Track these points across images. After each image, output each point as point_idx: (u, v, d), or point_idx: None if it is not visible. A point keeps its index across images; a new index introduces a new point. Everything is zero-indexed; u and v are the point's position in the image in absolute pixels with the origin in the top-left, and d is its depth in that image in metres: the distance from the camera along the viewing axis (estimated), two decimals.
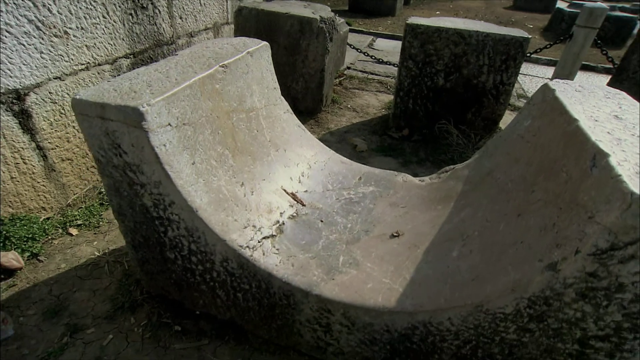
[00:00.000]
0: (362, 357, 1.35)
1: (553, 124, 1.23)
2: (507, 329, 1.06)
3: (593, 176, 0.92)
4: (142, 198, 1.24)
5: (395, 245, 1.41)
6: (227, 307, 1.46)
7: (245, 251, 1.24)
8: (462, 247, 1.26)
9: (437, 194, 1.64)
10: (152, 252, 1.43)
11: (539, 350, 1.08)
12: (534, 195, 1.16)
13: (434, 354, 1.22)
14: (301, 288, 1.23)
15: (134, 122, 1.05)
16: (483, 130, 2.90)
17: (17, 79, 1.71)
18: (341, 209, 1.60)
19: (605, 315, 0.94)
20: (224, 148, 1.36)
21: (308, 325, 1.34)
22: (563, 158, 1.09)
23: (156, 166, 1.12)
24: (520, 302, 0.99)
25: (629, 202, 0.78)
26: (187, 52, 1.51)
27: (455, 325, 1.11)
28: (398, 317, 1.17)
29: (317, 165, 1.78)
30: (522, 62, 2.56)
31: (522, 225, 1.13)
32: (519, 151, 1.39)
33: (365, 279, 1.27)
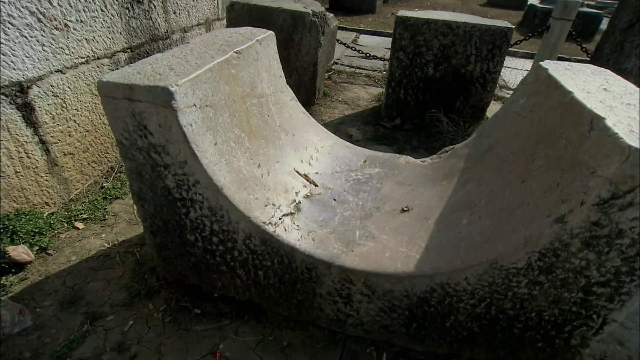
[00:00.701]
0: (381, 326, 1.43)
1: (549, 98, 1.34)
2: (519, 283, 1.16)
3: (592, 138, 1.03)
4: (165, 180, 1.28)
5: (407, 219, 1.50)
6: (247, 286, 1.51)
7: (268, 227, 1.29)
8: (470, 215, 1.36)
9: (440, 171, 1.73)
10: (171, 236, 1.47)
11: (547, 301, 1.18)
12: (536, 162, 1.27)
13: (450, 315, 1.31)
14: (324, 260, 1.29)
15: (163, 102, 1.09)
16: (471, 117, 3.04)
17: (20, 71, 1.71)
18: (351, 189, 1.67)
19: (607, 262, 1.05)
20: (240, 131, 1.41)
21: (329, 298, 1.40)
22: (561, 126, 1.20)
23: (183, 145, 1.16)
24: (532, 255, 1.09)
25: (627, 154, 0.88)
26: (199, 40, 1.55)
27: (472, 285, 1.21)
28: (417, 281, 1.25)
29: (324, 149, 1.85)
30: (507, 51, 2.71)
31: (526, 189, 1.23)
32: (516, 127, 1.51)
33: (383, 249, 1.35)
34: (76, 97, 2.03)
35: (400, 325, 1.40)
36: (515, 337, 1.31)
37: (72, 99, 2.00)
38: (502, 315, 1.26)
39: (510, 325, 1.28)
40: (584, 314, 1.18)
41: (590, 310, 1.17)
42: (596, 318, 1.18)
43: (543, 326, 1.25)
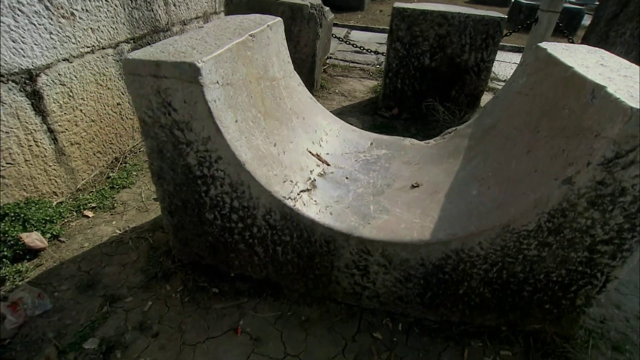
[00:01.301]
0: (396, 297, 1.50)
1: (549, 75, 1.43)
2: (529, 245, 1.24)
3: (594, 105, 1.11)
4: (187, 157, 1.32)
5: (417, 194, 1.57)
6: (264, 264, 1.56)
7: (288, 202, 1.34)
8: (479, 187, 1.44)
9: (444, 150, 1.81)
10: (189, 216, 1.50)
11: (555, 262, 1.26)
12: (540, 134, 1.35)
13: (463, 282, 1.38)
14: (343, 232, 1.35)
15: (189, 78, 1.13)
16: (466, 106, 3.14)
17: (29, 58, 1.72)
18: (361, 168, 1.74)
19: (610, 220, 1.13)
20: (257, 111, 1.46)
21: (346, 270, 1.46)
22: (563, 99, 1.29)
23: (207, 121, 1.21)
24: (542, 217, 1.17)
25: (630, 115, 0.97)
26: (211, 25, 1.59)
27: (485, 249, 1.28)
28: (433, 249, 1.32)
29: (332, 132, 1.91)
30: (500, 41, 2.82)
31: (532, 159, 1.31)
32: (518, 104, 1.59)
33: (397, 221, 1.42)
34: (82, 87, 2.04)
35: (415, 295, 1.46)
36: (524, 301, 1.39)
37: (78, 88, 2.01)
38: (512, 279, 1.34)
39: (520, 289, 1.36)
40: (589, 272, 1.27)
41: (595, 269, 1.25)
42: (600, 276, 1.27)
43: (551, 287, 1.33)
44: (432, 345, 1.46)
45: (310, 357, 1.39)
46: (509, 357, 1.42)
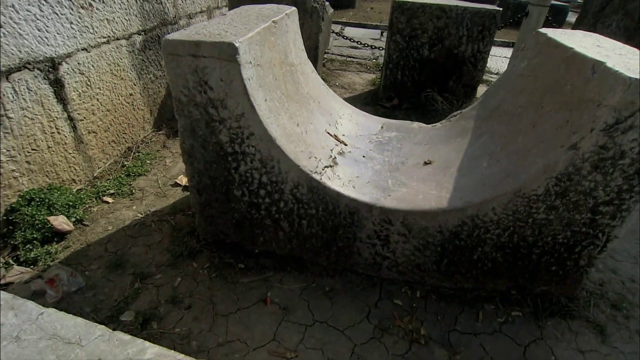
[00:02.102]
0: (414, 266, 1.61)
1: (551, 56, 1.57)
2: (538, 209, 1.37)
3: (595, 79, 1.25)
4: (219, 134, 1.41)
5: (431, 170, 1.69)
6: (289, 239, 1.65)
7: (315, 175, 1.45)
8: (489, 160, 1.57)
9: (452, 131, 1.94)
10: (216, 194, 1.59)
11: (561, 224, 1.40)
12: (544, 109, 1.49)
13: (477, 247, 1.51)
14: (367, 202, 1.46)
15: (227, 57, 1.23)
16: (464, 96, 3.29)
17: (53, 47, 1.78)
18: (375, 148, 1.85)
19: (611, 182, 1.27)
20: (281, 93, 1.56)
21: (368, 241, 1.57)
22: (565, 76, 1.42)
23: (242, 98, 1.30)
24: (550, 181, 1.30)
25: (629, 84, 1.10)
26: (232, 12, 1.68)
27: (498, 215, 1.41)
28: (450, 216, 1.44)
29: (345, 116, 2.02)
30: (495, 32, 2.97)
31: (538, 131, 1.44)
32: (521, 85, 1.73)
33: (415, 193, 1.53)
34: (99, 76, 2.10)
35: (432, 262, 1.58)
36: (533, 263, 1.52)
37: (95, 77, 2.07)
38: (522, 243, 1.47)
39: (529, 252, 1.49)
40: (591, 233, 1.40)
41: (597, 229, 1.39)
42: (601, 236, 1.41)
43: (557, 249, 1.47)
44: (448, 309, 1.58)
45: (337, 323, 1.49)
46: (520, 317, 1.55)
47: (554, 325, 1.53)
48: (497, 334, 1.49)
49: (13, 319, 0.62)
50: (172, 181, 2.22)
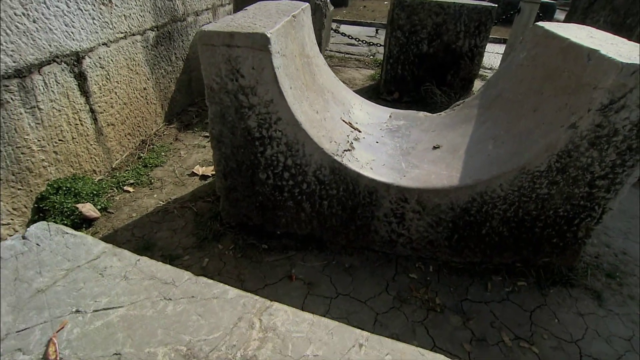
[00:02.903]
0: (427, 242, 1.76)
1: (549, 47, 1.73)
2: (541, 184, 1.52)
3: (590, 65, 1.41)
4: (247, 120, 1.53)
5: (440, 153, 1.83)
6: (310, 219, 1.78)
7: (337, 158, 1.58)
8: (494, 143, 1.72)
9: (457, 119, 2.09)
10: (242, 177, 1.71)
11: (561, 198, 1.56)
12: (544, 95, 1.65)
13: (486, 222, 1.66)
14: (385, 182, 1.60)
15: (260, 46, 1.35)
16: (461, 89, 3.46)
17: (77, 42, 1.88)
18: (386, 135, 1.99)
19: (606, 157, 1.43)
20: (301, 82, 1.68)
21: (384, 219, 1.71)
22: (563, 64, 1.59)
23: (272, 86, 1.43)
24: (551, 158, 1.46)
25: (621, 68, 1.26)
26: (252, 8, 1.81)
27: (504, 190, 1.56)
28: (461, 193, 1.59)
29: (356, 106, 2.16)
30: (491, 27, 3.15)
31: (539, 115, 1.60)
32: (521, 75, 1.89)
33: (428, 173, 1.68)
34: (117, 70, 2.20)
35: (444, 238, 1.73)
36: (536, 236, 1.68)
37: (113, 71, 2.17)
38: (527, 217, 1.62)
39: (532, 226, 1.65)
40: (589, 206, 1.57)
41: (594, 202, 1.56)
42: (597, 209, 1.57)
43: (558, 222, 1.63)
44: (460, 281, 1.73)
45: (359, 295, 1.62)
46: (525, 287, 1.71)
47: (556, 292, 1.69)
48: (505, 301, 1.64)
49: (118, 263, 0.73)
50: (188, 171, 2.33)
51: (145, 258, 0.77)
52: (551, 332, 1.52)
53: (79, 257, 0.71)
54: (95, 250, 0.73)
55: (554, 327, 1.54)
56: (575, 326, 1.55)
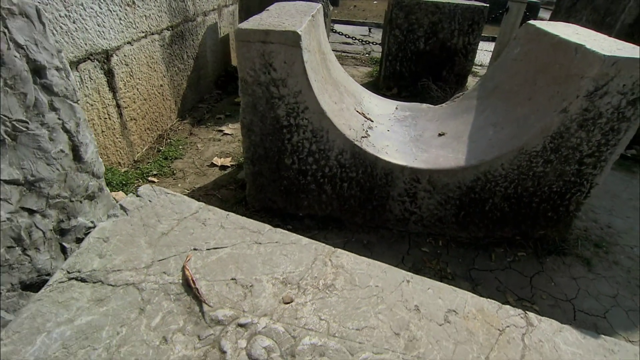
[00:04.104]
0: (437, 219, 1.97)
1: (540, 43, 1.97)
2: (537, 163, 1.75)
3: (578, 58, 1.64)
4: (277, 109, 1.71)
5: (445, 139, 2.05)
6: (330, 201, 1.97)
7: (357, 143, 1.77)
8: (494, 128, 1.94)
9: (458, 109, 2.31)
10: (269, 163, 1.89)
11: (555, 175, 1.79)
12: (537, 85, 1.88)
13: (489, 199, 1.88)
14: (399, 164, 1.80)
15: (292, 42, 1.54)
16: (456, 84, 3.71)
17: (107, 40, 2.03)
18: (396, 124, 2.20)
19: (592, 137, 1.67)
20: (321, 76, 1.88)
21: (399, 199, 1.91)
22: (554, 57, 1.82)
23: (301, 78, 1.61)
24: (546, 139, 1.68)
25: (603, 60, 1.50)
26: (273, 8, 1.99)
27: (505, 169, 1.78)
28: (467, 172, 1.80)
29: (366, 98, 2.36)
30: (484, 26, 3.40)
31: (534, 103, 1.83)
32: (515, 68, 2.12)
33: (436, 157, 1.89)
34: (138, 68, 2.35)
35: (452, 215, 1.94)
36: (533, 211, 1.91)
37: (136, 69, 2.32)
38: (525, 193, 1.85)
39: (530, 201, 1.88)
40: (578, 182, 1.80)
41: (583, 178, 1.79)
42: (586, 184, 1.81)
43: (552, 197, 1.86)
44: (466, 254, 1.94)
45: None
46: (524, 256, 1.94)
47: (551, 261, 1.92)
48: (507, 269, 1.87)
49: (213, 216, 0.91)
50: (208, 162, 2.49)
51: (232, 213, 0.95)
52: (549, 293, 1.74)
53: (183, 211, 0.88)
54: (194, 207, 0.90)
55: (551, 289, 1.77)
56: (569, 288, 1.78)
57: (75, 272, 0.68)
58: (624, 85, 1.51)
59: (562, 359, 0.97)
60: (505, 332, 0.97)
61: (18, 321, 0.58)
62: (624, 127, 1.62)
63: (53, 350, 0.57)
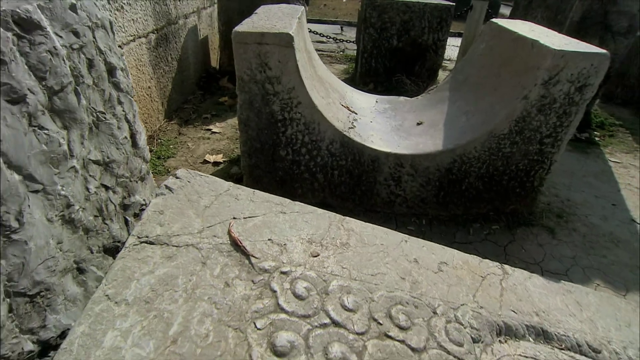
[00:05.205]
0: (420, 200, 2.20)
1: (502, 39, 2.23)
2: (505, 145, 2.01)
3: (534, 52, 1.91)
4: (272, 105, 1.88)
5: (423, 127, 2.28)
6: (322, 188, 2.16)
7: (345, 133, 1.97)
8: (466, 116, 2.19)
9: (432, 101, 2.56)
10: (264, 156, 2.05)
11: (520, 155, 2.05)
12: (501, 77, 2.14)
13: (465, 179, 2.13)
14: (384, 151, 2.01)
15: (286, 43, 1.71)
16: (427, 78, 3.99)
17: None
18: (377, 116, 2.42)
19: (549, 120, 1.94)
20: (309, 73, 2.06)
21: (384, 183, 2.12)
22: (514, 52, 2.09)
23: (294, 75, 1.79)
24: (511, 123, 1.94)
25: (554, 53, 1.76)
26: (261, 11, 2.16)
27: (478, 152, 2.03)
28: (445, 156, 2.04)
29: (348, 93, 2.57)
30: (451, 23, 3.69)
31: (499, 92, 2.09)
32: (482, 62, 2.39)
33: (417, 143, 2.12)
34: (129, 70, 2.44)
35: (433, 195, 2.18)
36: (504, 188, 2.17)
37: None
38: (495, 172, 2.11)
39: (500, 179, 2.14)
40: (540, 160, 2.08)
41: (544, 156, 2.07)
42: (547, 161, 2.09)
43: (519, 175, 2.13)
44: (448, 230, 2.18)
45: None
46: (498, 229, 2.20)
47: (521, 231, 2.20)
48: (484, 241, 2.12)
49: (242, 192, 1.08)
50: (200, 159, 2.62)
51: (257, 190, 1.12)
52: (520, 258, 2.01)
53: (217, 189, 1.04)
54: (225, 185, 1.07)
55: (522, 254, 2.04)
56: (537, 253, 2.06)
57: (144, 237, 0.83)
58: (572, 74, 1.78)
59: (532, 296, 1.20)
60: (487, 279, 1.19)
61: (112, 272, 0.73)
62: (574, 110, 1.90)
63: (145, 292, 0.72)
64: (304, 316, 0.78)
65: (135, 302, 0.70)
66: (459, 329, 0.93)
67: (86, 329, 0.64)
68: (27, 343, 0.59)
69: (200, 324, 0.70)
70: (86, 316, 0.65)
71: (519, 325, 1.07)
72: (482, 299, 1.08)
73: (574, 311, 1.22)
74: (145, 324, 0.67)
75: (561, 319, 1.16)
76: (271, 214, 1.03)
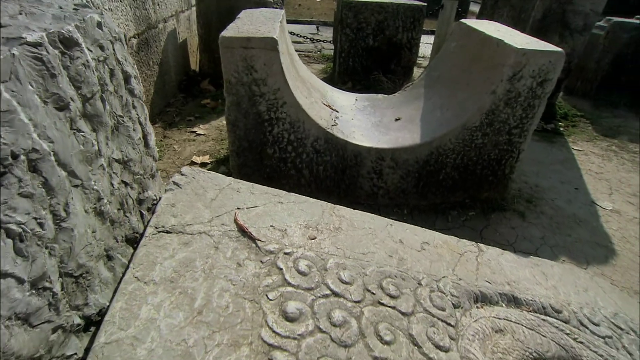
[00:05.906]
0: (401, 191, 2.35)
1: (471, 38, 2.42)
2: (477, 136, 2.19)
3: (499, 50, 2.09)
4: (258, 106, 1.99)
5: (401, 123, 2.44)
6: (309, 183, 2.28)
7: (329, 130, 2.10)
8: (441, 110, 2.36)
9: (409, 97, 2.72)
10: (252, 154, 2.16)
11: (492, 145, 2.24)
12: (472, 74, 2.32)
13: (442, 170, 2.29)
14: (366, 146, 2.15)
15: (271, 47, 1.82)
16: (403, 76, 4.17)
17: None
18: (357, 113, 2.56)
19: (516, 112, 2.13)
20: (292, 74, 2.18)
21: (367, 176, 2.27)
22: (482, 50, 2.27)
23: (279, 77, 1.90)
24: (482, 116, 2.12)
25: (517, 51, 1.95)
26: (244, 16, 2.26)
27: (453, 144, 2.20)
28: (422, 149, 2.20)
29: (328, 93, 2.70)
30: (424, 22, 3.88)
31: (470, 87, 2.27)
32: (453, 60, 2.56)
33: (396, 137, 2.27)
34: None
35: (413, 186, 2.34)
36: (477, 177, 2.36)
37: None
38: (469, 162, 2.29)
39: (474, 169, 2.32)
40: (509, 149, 2.27)
41: (512, 146, 2.26)
42: (515, 150, 2.28)
43: (491, 164, 2.31)
44: (428, 218, 2.35)
45: None
46: (474, 215, 2.38)
47: (495, 216, 2.38)
48: (462, 227, 2.30)
49: (243, 186, 1.19)
50: (187, 161, 2.69)
51: (256, 184, 1.23)
52: (495, 241, 2.19)
53: (220, 184, 1.15)
54: (227, 180, 1.18)
55: (497, 237, 2.22)
56: (510, 235, 2.25)
57: (161, 227, 0.93)
58: (533, 70, 1.97)
59: (504, 269, 1.36)
60: (464, 255, 1.34)
61: (138, 258, 0.83)
62: (537, 103, 2.09)
63: (169, 273, 0.82)
64: (308, 289, 0.90)
65: (161, 281, 0.80)
66: (442, 297, 1.07)
67: (123, 304, 0.74)
68: (75, 317, 0.68)
69: (220, 297, 0.81)
70: (121, 294, 0.75)
71: (493, 294, 1.22)
72: (460, 272, 1.23)
73: (540, 280, 1.39)
74: (173, 299, 0.78)
75: (529, 287, 1.32)
76: (270, 204, 1.14)
